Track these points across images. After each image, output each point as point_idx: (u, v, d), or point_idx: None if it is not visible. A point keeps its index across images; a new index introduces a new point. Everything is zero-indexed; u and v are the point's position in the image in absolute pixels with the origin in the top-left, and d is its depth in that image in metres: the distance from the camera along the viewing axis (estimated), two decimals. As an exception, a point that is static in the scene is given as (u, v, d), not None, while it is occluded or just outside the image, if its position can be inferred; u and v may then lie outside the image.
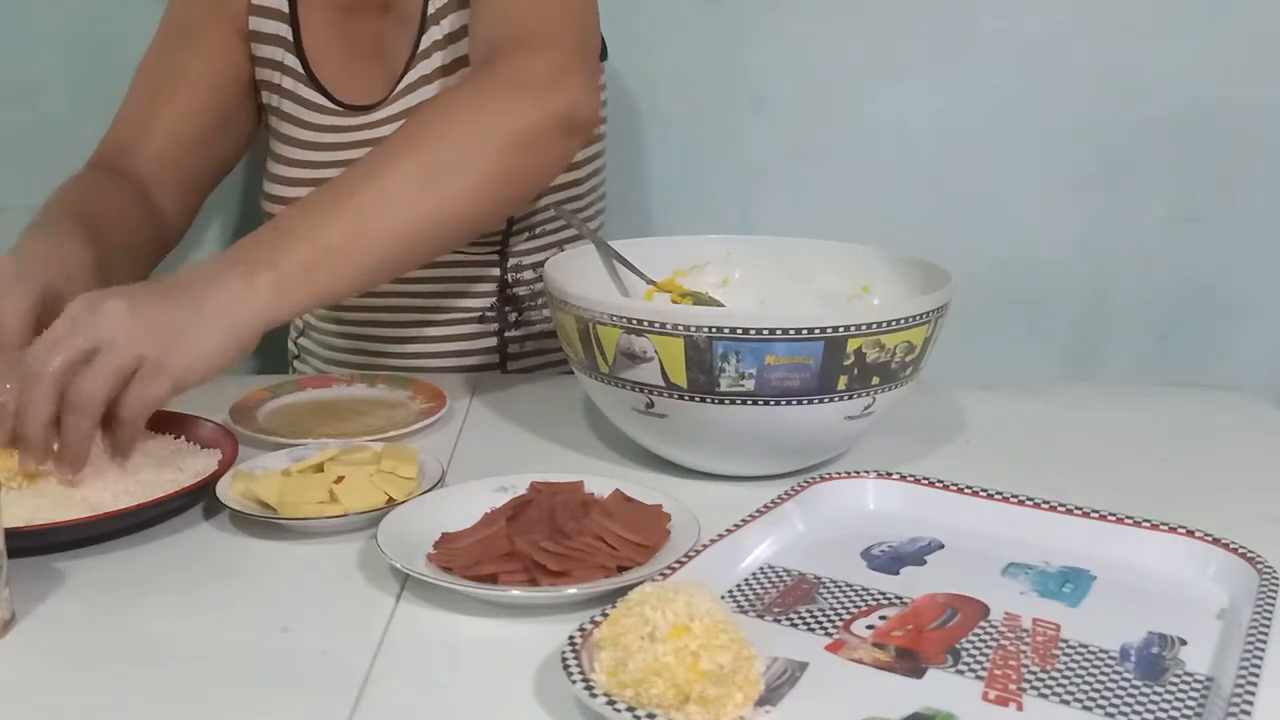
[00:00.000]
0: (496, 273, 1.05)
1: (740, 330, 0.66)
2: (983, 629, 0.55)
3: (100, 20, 1.25)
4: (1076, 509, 0.65)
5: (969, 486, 0.68)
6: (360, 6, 1.00)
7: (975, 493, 0.68)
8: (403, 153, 0.77)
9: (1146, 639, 0.54)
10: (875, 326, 0.68)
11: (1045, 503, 0.66)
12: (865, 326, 0.67)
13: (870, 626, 0.56)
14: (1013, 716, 0.49)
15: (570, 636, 0.50)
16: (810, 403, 0.69)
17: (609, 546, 0.60)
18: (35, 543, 0.64)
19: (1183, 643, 0.54)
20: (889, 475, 0.70)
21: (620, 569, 0.59)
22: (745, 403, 0.68)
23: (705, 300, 0.90)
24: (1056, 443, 0.84)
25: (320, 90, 1.01)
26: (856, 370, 0.69)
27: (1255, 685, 0.47)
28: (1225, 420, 0.89)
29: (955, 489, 0.69)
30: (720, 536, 0.61)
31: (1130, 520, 0.63)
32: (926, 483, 0.69)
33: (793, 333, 0.66)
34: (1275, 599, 0.55)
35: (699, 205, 1.35)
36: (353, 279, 0.76)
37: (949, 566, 0.62)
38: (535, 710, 0.50)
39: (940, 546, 0.65)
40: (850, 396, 0.70)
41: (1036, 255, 1.34)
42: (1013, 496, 0.67)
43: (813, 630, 0.55)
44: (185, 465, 0.73)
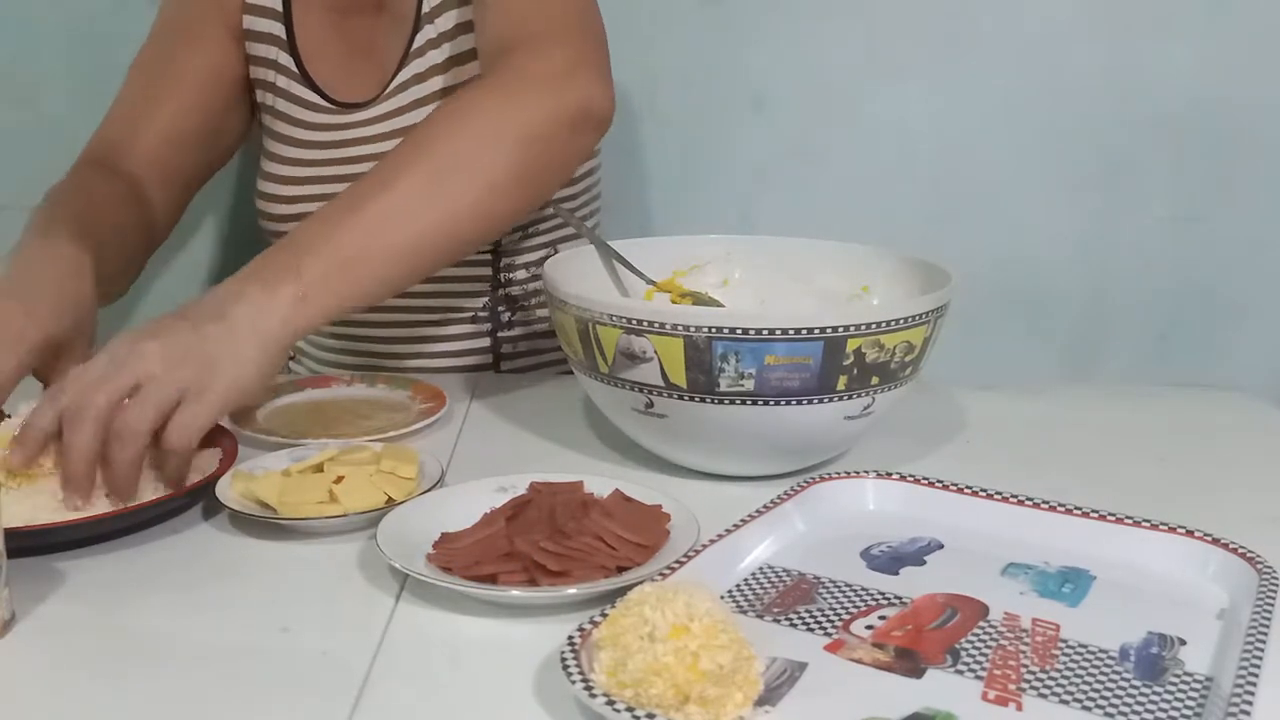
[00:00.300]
0: (489, 273, 1.05)
1: (740, 330, 0.66)
2: (982, 629, 0.55)
3: (100, 20, 1.25)
4: (1076, 509, 0.65)
5: (969, 486, 0.68)
6: (354, 6, 1.00)
7: (975, 493, 0.68)
8: (415, 158, 0.77)
9: (1146, 639, 0.54)
10: (875, 326, 0.68)
11: (1045, 503, 0.66)
12: (865, 326, 0.67)
13: (870, 626, 0.56)
14: (1012, 716, 0.49)
15: (570, 636, 0.50)
16: (810, 403, 0.69)
17: (609, 546, 0.60)
18: (35, 543, 0.64)
19: (1182, 643, 0.54)
20: (889, 475, 0.70)
21: (620, 569, 0.59)
22: (745, 403, 0.68)
23: (705, 300, 0.90)
24: (1056, 443, 0.84)
25: (314, 89, 1.01)
26: (856, 370, 0.69)
27: (1255, 685, 0.47)
28: (1225, 420, 0.89)
29: (955, 489, 0.69)
30: (720, 536, 0.61)
31: (1130, 520, 0.64)
32: (926, 483, 0.69)
33: (792, 333, 0.66)
34: (1275, 599, 0.55)
35: (699, 205, 1.35)
36: (372, 288, 0.76)
37: (949, 566, 0.62)
38: (535, 710, 0.50)
39: (940, 546, 0.65)
40: (850, 396, 0.70)
41: (1036, 255, 1.34)
42: (1013, 496, 0.67)
43: (812, 630, 0.55)
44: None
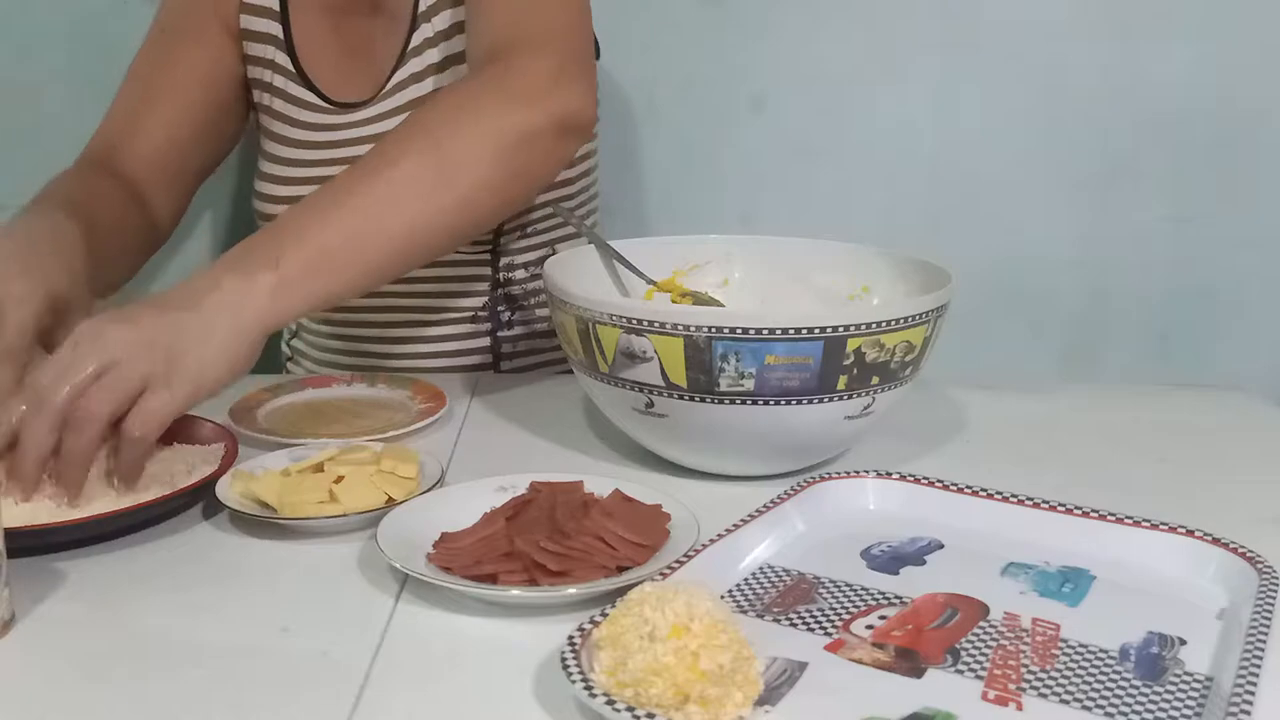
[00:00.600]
0: (489, 272, 1.05)
1: (740, 330, 0.66)
2: (982, 629, 0.55)
3: (100, 20, 1.25)
4: (1076, 509, 0.65)
5: (969, 486, 0.68)
6: (351, 6, 1.00)
7: (975, 493, 0.68)
8: (401, 154, 0.77)
9: (1146, 639, 0.54)
10: (875, 326, 0.68)
11: (1045, 503, 0.66)
12: (865, 326, 0.67)
13: (870, 626, 0.56)
14: (1012, 716, 0.49)
15: (570, 636, 0.50)
16: (810, 403, 0.69)
17: (609, 546, 0.60)
18: (35, 543, 0.64)
19: (1183, 643, 0.54)
20: (889, 475, 0.70)
21: (620, 569, 0.59)
22: (745, 403, 0.68)
23: (705, 300, 0.90)
24: (1056, 443, 0.84)
25: (311, 88, 1.01)
26: (856, 370, 0.69)
27: (1255, 685, 0.47)
28: (1225, 420, 0.89)
29: (955, 489, 0.69)
30: (720, 536, 0.61)
31: (1130, 520, 0.63)
32: (926, 483, 0.69)
33: (792, 333, 0.66)
34: (1275, 599, 0.55)
35: (699, 205, 1.35)
36: (351, 281, 0.76)
37: (949, 566, 0.62)
38: (535, 710, 0.50)
39: (940, 546, 0.65)
40: (850, 396, 0.70)
41: (1036, 255, 1.34)
42: (1013, 496, 0.67)
43: (812, 630, 0.55)
44: (185, 465, 0.73)
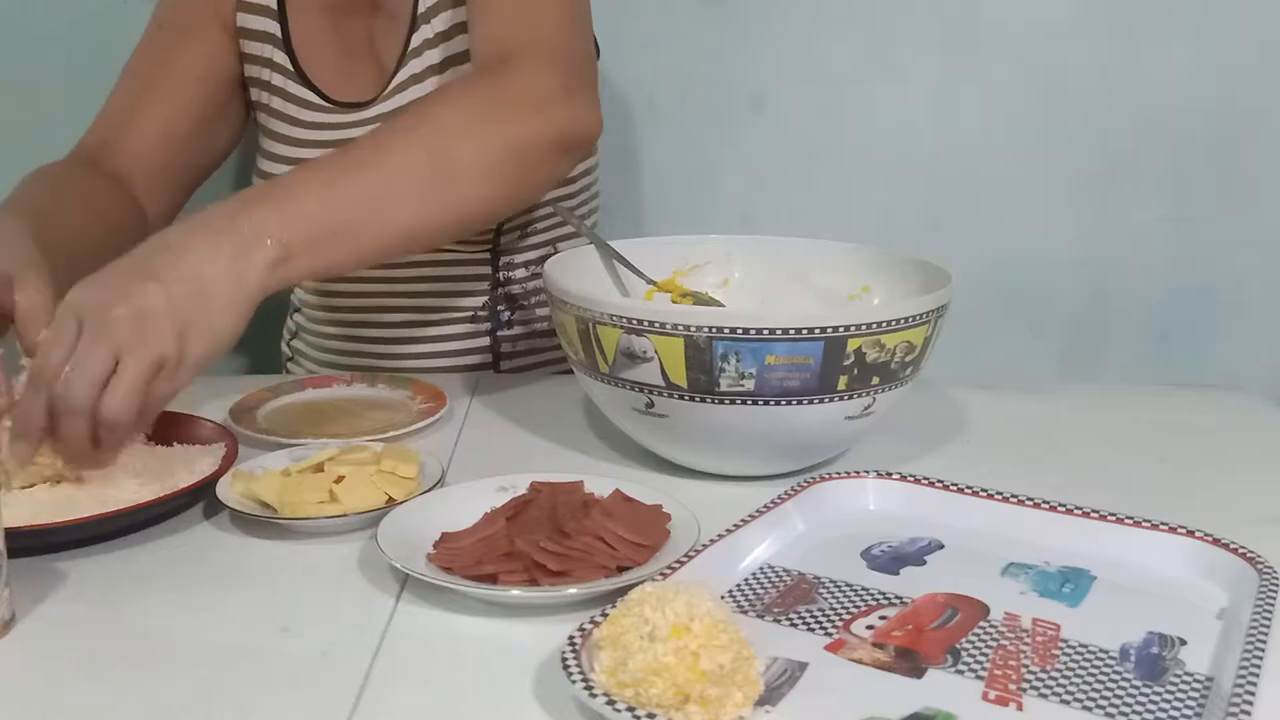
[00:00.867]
0: (488, 271, 1.05)
1: (740, 330, 0.66)
2: (983, 629, 0.55)
3: (100, 20, 1.25)
4: (1076, 509, 0.65)
5: (969, 486, 0.68)
6: (350, 6, 1.00)
7: (975, 493, 0.68)
8: (407, 145, 0.77)
9: (1146, 639, 0.54)
10: (875, 326, 0.68)
11: (1045, 503, 0.66)
12: (865, 326, 0.67)
13: (870, 626, 0.56)
14: (1013, 716, 0.49)
15: (570, 636, 0.50)
16: (810, 403, 0.69)
17: (609, 546, 0.60)
18: (35, 543, 0.64)
19: (1183, 643, 0.54)
20: (889, 475, 0.70)
21: (620, 569, 0.59)
22: (745, 403, 0.68)
23: (705, 300, 0.90)
24: (1056, 443, 0.84)
25: (310, 87, 1.01)
26: (856, 370, 0.69)
27: (1255, 685, 0.47)
28: (1225, 420, 0.89)
29: (955, 489, 0.69)
30: (720, 536, 0.61)
31: (1130, 520, 0.63)
32: (926, 483, 0.69)
33: (793, 333, 0.66)
34: (1275, 599, 0.55)
35: (699, 205, 1.35)
36: (346, 261, 0.76)
37: (949, 566, 0.62)
38: (535, 710, 0.50)
39: (940, 546, 0.65)
40: (850, 396, 0.70)
41: (1036, 255, 1.34)
42: (1013, 496, 0.67)
43: (812, 630, 0.55)
44: (185, 465, 0.73)
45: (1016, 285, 1.35)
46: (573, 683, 0.47)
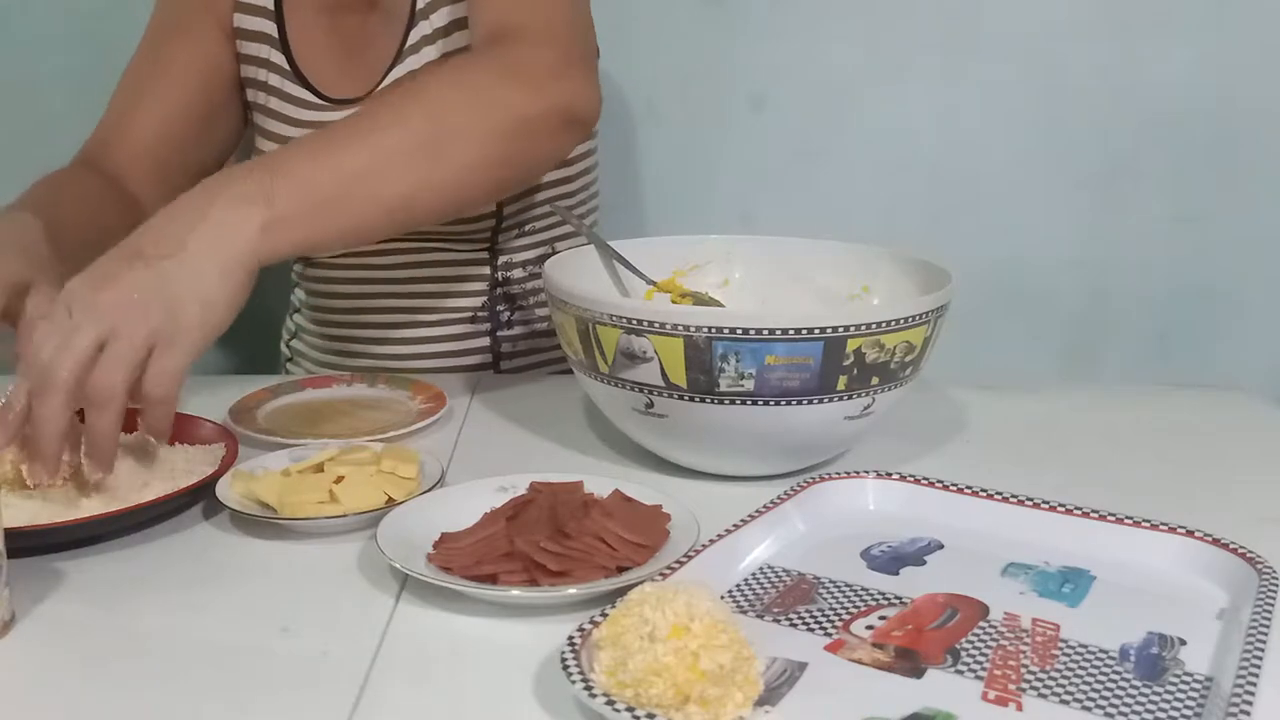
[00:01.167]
0: (487, 271, 1.05)
1: (740, 330, 0.66)
2: (982, 629, 0.55)
3: (100, 20, 1.25)
4: (1076, 509, 0.65)
5: (969, 486, 0.68)
6: (347, 3, 1.00)
7: (975, 493, 0.68)
8: (404, 116, 0.76)
9: (1146, 639, 0.54)
10: (875, 326, 0.68)
11: (1045, 503, 0.66)
12: (865, 326, 0.67)
13: (870, 626, 0.56)
14: (1012, 716, 0.49)
15: (570, 636, 0.50)
16: (810, 403, 0.69)
17: (609, 547, 0.60)
18: (35, 543, 0.64)
19: (1182, 643, 0.54)
20: (889, 475, 0.70)
21: (620, 569, 0.59)
22: (745, 403, 0.68)
23: (705, 300, 0.90)
24: (1056, 443, 0.84)
25: (307, 86, 1.01)
26: (856, 370, 0.69)
27: (1255, 685, 0.47)
28: (1225, 420, 0.89)
29: (955, 489, 0.69)
30: (720, 536, 0.61)
31: (1130, 520, 0.63)
32: (926, 483, 0.69)
33: (792, 333, 0.66)
34: (1275, 599, 0.55)
35: (699, 205, 1.35)
36: (340, 233, 0.75)
37: (949, 566, 0.62)
38: (535, 710, 0.50)
39: (940, 546, 0.65)
40: (850, 396, 0.70)
41: (1036, 255, 1.34)
42: (1013, 496, 0.67)
43: (812, 630, 0.55)
44: (185, 465, 0.73)
45: (1016, 285, 1.35)
46: (572, 683, 0.47)
